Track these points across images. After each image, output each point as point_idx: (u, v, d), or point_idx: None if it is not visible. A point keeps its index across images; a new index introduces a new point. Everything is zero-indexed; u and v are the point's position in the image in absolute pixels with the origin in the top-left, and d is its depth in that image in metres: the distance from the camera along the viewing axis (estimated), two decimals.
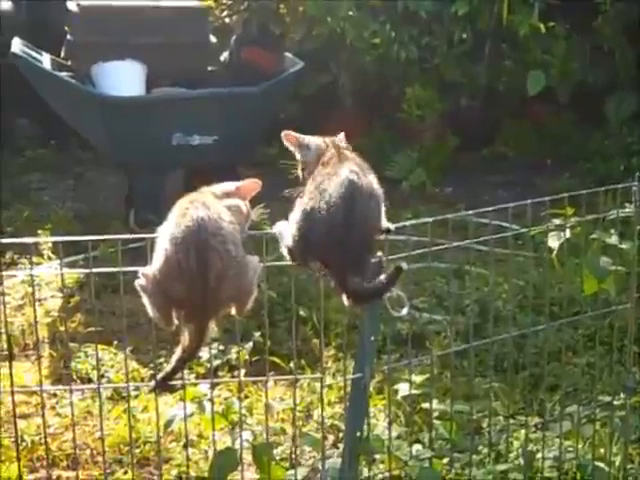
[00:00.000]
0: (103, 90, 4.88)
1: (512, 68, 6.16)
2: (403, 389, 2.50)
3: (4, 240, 2.83)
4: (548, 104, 6.16)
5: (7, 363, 3.58)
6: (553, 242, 2.51)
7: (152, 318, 2.11)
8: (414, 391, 2.50)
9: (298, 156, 2.31)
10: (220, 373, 3.44)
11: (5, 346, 3.76)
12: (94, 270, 2.28)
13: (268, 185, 2.38)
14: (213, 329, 2.12)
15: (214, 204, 2.12)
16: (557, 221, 2.48)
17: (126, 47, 4.99)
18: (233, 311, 2.14)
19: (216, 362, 3.46)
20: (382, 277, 2.10)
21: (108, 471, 3.01)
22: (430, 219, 2.48)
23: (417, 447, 2.38)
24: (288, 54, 5.38)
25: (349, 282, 2.07)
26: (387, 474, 2.32)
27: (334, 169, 2.16)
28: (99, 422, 3.18)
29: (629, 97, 6.02)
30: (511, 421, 3.02)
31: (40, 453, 3.09)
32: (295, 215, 2.13)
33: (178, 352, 2.14)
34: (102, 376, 3.48)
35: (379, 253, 2.18)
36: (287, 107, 5.96)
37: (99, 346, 3.52)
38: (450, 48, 6.12)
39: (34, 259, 4.50)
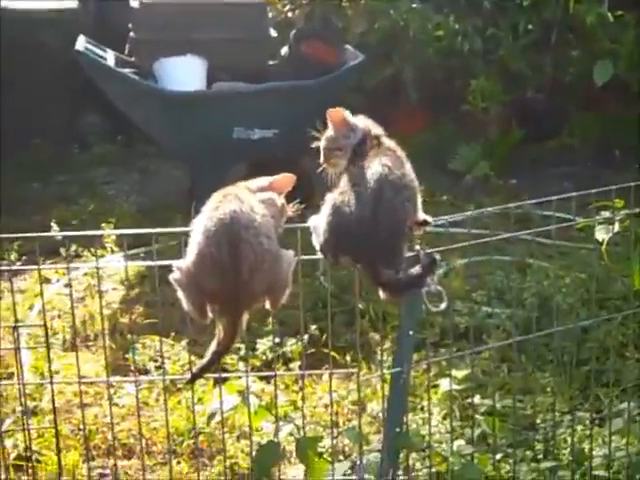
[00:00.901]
0: (165, 85, 4.93)
1: (579, 58, 6.03)
2: (444, 385, 2.46)
3: (70, 233, 2.90)
4: (616, 94, 6.00)
5: (68, 354, 3.69)
6: (600, 235, 2.45)
7: (186, 311, 2.11)
8: (456, 386, 2.46)
9: (340, 138, 2.27)
10: (274, 366, 3.44)
11: (67, 337, 3.84)
12: (157, 263, 2.31)
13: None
14: (246, 321, 2.11)
15: (247, 197, 2.11)
16: (606, 213, 2.41)
17: (187, 43, 5.03)
18: (267, 305, 2.13)
19: (271, 355, 3.48)
20: (416, 268, 2.07)
21: (162, 461, 3.05)
22: (490, 209, 2.44)
23: (459, 442, 2.34)
24: (349, 47, 5.36)
25: (381, 275, 2.05)
26: (428, 470, 2.29)
27: (368, 162, 2.14)
28: (155, 412, 3.27)
29: None
30: (567, 417, 2.97)
31: (97, 442, 3.14)
32: (325, 210, 2.12)
33: (213, 345, 2.14)
34: (160, 367, 3.51)
35: (417, 247, 2.15)
36: (349, 100, 5.93)
37: (157, 337, 3.59)
38: (515, 39, 6.02)
39: (98, 252, 4.58)
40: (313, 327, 3.67)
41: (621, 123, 5.93)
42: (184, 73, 5.02)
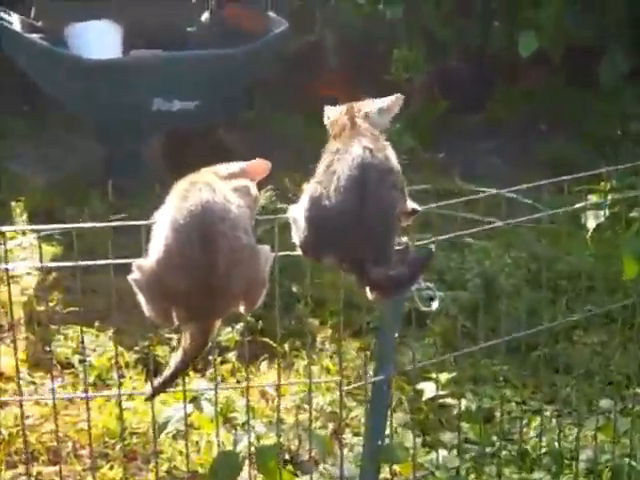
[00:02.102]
0: (77, 52, 4.61)
1: (503, 28, 5.92)
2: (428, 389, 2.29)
3: None
4: (540, 66, 5.92)
5: None
6: (591, 222, 2.30)
7: (148, 316, 1.88)
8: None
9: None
10: (210, 358, 3.23)
11: None
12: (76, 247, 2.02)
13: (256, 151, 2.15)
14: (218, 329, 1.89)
15: (219, 185, 1.87)
16: (594, 198, 2.26)
17: (101, 6, 4.71)
18: (241, 308, 1.89)
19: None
20: (409, 263, 1.87)
21: (92, 466, 2.81)
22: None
23: (443, 453, 2.18)
24: (272, 13, 5.12)
25: (370, 273, 1.82)
26: None
27: (345, 145, 1.91)
28: (82, 412, 3.01)
29: (621, 56, 5.80)
30: (524, 407, 2.85)
31: (19, 446, 2.88)
32: (302, 203, 1.89)
33: (177, 355, 1.90)
34: (83, 360, 3.26)
35: (404, 238, 1.95)
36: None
37: (79, 328, 3.33)
38: (438, 6, 5.87)
39: (8, 234, 4.26)
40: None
41: (546, 95, 5.86)
42: (97, 39, 4.71)
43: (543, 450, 2.57)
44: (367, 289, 1.86)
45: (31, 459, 2.80)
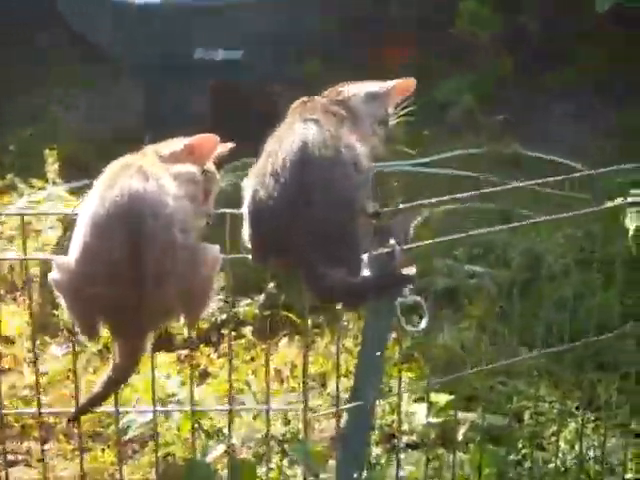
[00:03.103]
0: None
1: None
2: (420, 414, 2.01)
3: None
4: (618, 26, 5.47)
5: None
6: (632, 222, 1.98)
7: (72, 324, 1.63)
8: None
9: None
10: (224, 332, 3.01)
11: None
12: None
13: None
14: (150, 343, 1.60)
15: (155, 170, 1.57)
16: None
17: None
18: (181, 320, 1.61)
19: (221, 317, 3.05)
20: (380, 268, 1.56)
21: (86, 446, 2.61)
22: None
23: None
24: None
25: (321, 277, 1.51)
26: None
27: (290, 124, 1.62)
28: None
29: None
30: (557, 408, 2.56)
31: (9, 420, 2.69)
32: (245, 196, 1.61)
33: (107, 372, 1.64)
34: None
35: (392, 241, 1.63)
36: (324, 20, 5.38)
37: None
38: None
39: (37, 183, 4.10)
40: (270, 285, 3.21)
41: (625, 54, 5.39)
42: None
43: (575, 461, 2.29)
44: (323, 297, 1.57)
45: (22, 435, 2.63)
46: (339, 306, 1.62)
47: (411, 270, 1.58)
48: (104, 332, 1.61)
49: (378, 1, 5.72)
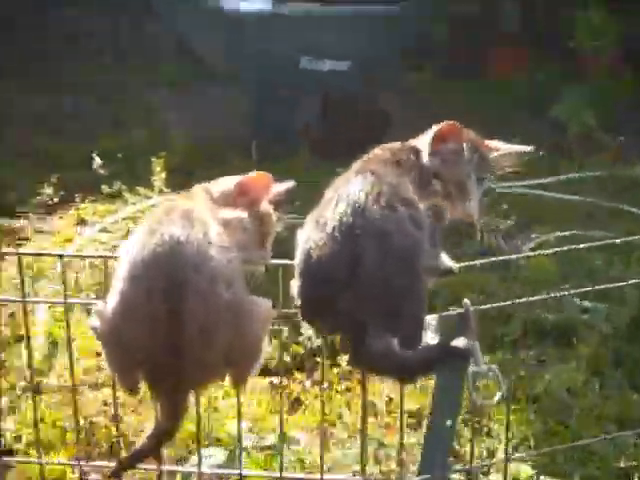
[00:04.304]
0: (224, 3, 4.31)
1: None
2: None
3: None
4: None
5: None
6: None
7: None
8: None
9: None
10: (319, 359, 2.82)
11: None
12: None
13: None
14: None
15: (202, 216, 1.42)
16: None
17: None
18: (227, 380, 1.46)
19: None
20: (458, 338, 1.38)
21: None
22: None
23: None
24: None
25: (366, 346, 1.36)
26: None
27: (345, 184, 1.47)
28: None
29: None
30: None
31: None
32: (298, 247, 1.47)
33: (150, 431, 1.49)
34: None
35: (466, 300, 1.45)
36: (436, 29, 5.20)
37: None
38: None
39: (144, 191, 4.04)
40: None
41: None
42: None
43: None
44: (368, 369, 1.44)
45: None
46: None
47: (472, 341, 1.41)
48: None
49: (489, 13, 5.51)
